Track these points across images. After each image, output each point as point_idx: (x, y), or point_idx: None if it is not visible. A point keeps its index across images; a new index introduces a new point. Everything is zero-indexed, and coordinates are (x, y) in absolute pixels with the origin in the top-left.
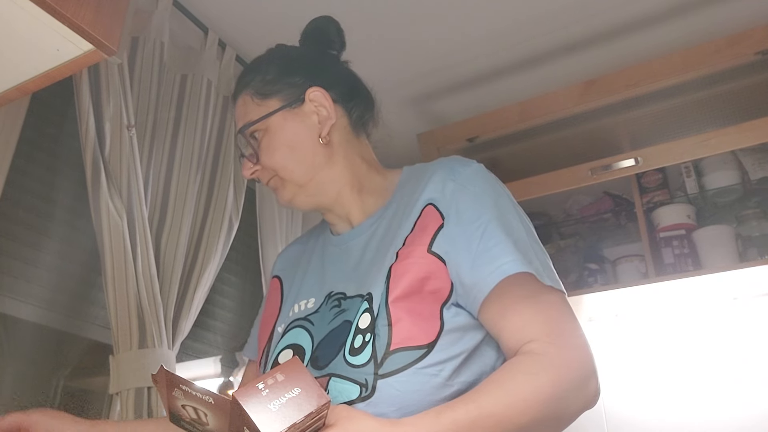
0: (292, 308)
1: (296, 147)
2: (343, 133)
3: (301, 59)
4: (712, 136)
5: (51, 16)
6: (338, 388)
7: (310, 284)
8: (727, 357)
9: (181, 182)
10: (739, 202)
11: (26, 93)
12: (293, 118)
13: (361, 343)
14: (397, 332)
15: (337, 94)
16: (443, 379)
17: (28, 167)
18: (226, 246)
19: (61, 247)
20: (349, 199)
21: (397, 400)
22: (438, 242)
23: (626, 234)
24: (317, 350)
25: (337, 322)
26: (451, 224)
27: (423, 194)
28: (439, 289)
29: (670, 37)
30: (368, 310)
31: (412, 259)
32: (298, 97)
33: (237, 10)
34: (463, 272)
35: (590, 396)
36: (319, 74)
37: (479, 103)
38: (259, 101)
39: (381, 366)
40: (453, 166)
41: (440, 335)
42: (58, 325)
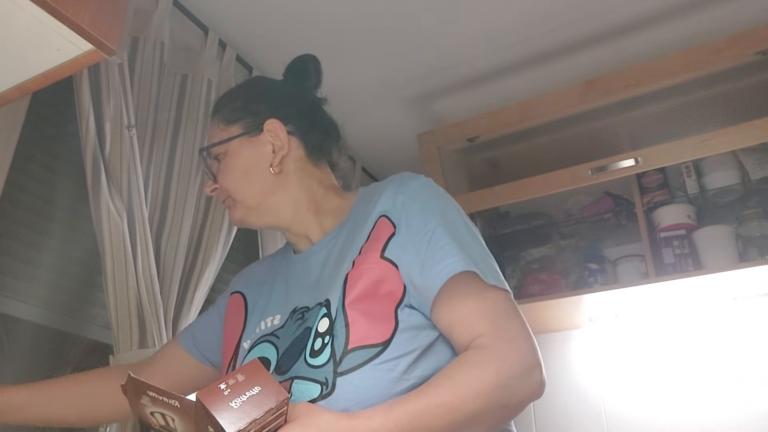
0: (258, 325)
1: (249, 172)
2: (298, 163)
3: (269, 91)
4: (713, 136)
5: (51, 16)
6: (300, 388)
7: (276, 302)
8: (727, 357)
9: (181, 182)
10: (740, 202)
11: (26, 93)
12: (249, 145)
13: (321, 345)
14: (354, 332)
15: (296, 127)
16: (399, 374)
17: (29, 167)
18: (226, 246)
19: (61, 247)
20: (306, 220)
21: (356, 395)
22: (390, 249)
23: (626, 234)
24: (281, 359)
25: (299, 331)
26: (401, 232)
27: (376, 207)
28: (392, 292)
29: (671, 37)
30: (326, 314)
31: (365, 265)
32: (257, 126)
33: (237, 10)
34: (414, 275)
35: (535, 385)
36: (281, 107)
37: (479, 103)
38: (224, 126)
39: (340, 364)
40: (403, 180)
41: (395, 334)
42: (58, 325)
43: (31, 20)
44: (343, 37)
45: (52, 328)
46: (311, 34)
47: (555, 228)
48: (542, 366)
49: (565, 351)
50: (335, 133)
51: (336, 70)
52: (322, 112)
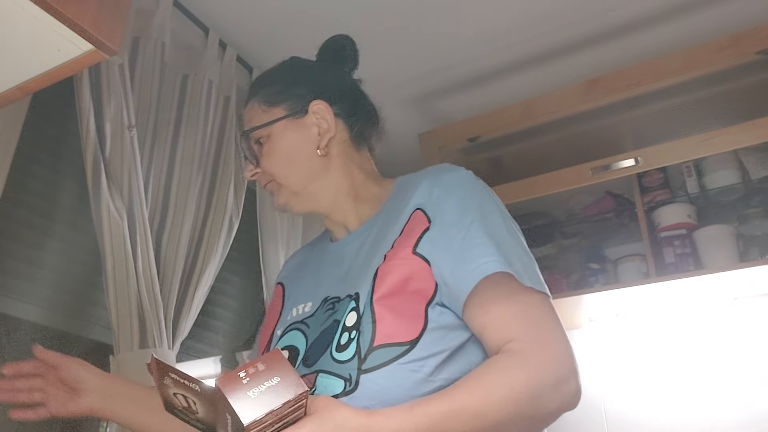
0: (290, 312)
1: (294, 156)
2: (342, 146)
3: (310, 72)
4: (714, 136)
5: (52, 16)
6: (324, 383)
7: (308, 289)
8: (727, 357)
9: (181, 182)
10: (741, 201)
11: (27, 93)
12: (295, 128)
13: (347, 340)
14: (380, 329)
15: (340, 109)
16: (425, 375)
17: (30, 167)
18: (227, 246)
19: (63, 247)
20: (345, 207)
21: (379, 394)
22: (422, 244)
23: (627, 234)
24: (309, 350)
25: (329, 322)
26: (436, 227)
27: (412, 200)
28: (422, 289)
29: (672, 37)
30: (355, 308)
31: (396, 260)
32: (302, 108)
33: (238, 10)
34: (446, 273)
35: (568, 396)
36: (325, 88)
37: (481, 102)
38: (265, 108)
39: (364, 361)
40: (440, 173)
41: (423, 333)
42: (59, 325)
43: (32, 20)
44: None
45: (53, 328)
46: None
47: (557, 227)
48: (578, 375)
49: None
50: (376, 117)
51: None
52: (363, 93)
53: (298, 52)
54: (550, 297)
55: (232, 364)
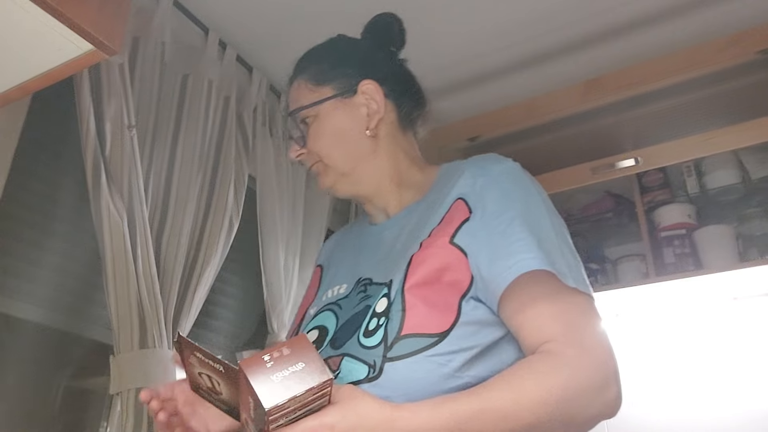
0: (325, 293)
1: (342, 136)
2: (389, 128)
3: (359, 51)
4: (714, 136)
5: (52, 16)
6: (349, 367)
7: (344, 271)
8: (727, 357)
9: (181, 182)
10: (740, 201)
11: (27, 93)
12: (343, 108)
13: (375, 326)
14: (409, 318)
15: (389, 89)
16: (452, 370)
17: (30, 167)
18: (227, 246)
19: (63, 247)
20: (388, 192)
21: (402, 384)
22: (461, 234)
23: (627, 233)
24: (338, 332)
25: (360, 306)
26: (476, 218)
27: (454, 189)
28: (457, 281)
29: (672, 36)
30: (386, 295)
31: (432, 249)
32: (351, 87)
33: (237, 10)
34: (482, 266)
35: (607, 403)
36: (374, 68)
37: (480, 102)
38: (313, 87)
39: (390, 349)
40: (486, 163)
41: (454, 326)
42: (60, 325)
43: (32, 20)
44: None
45: (54, 328)
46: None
47: None
48: (619, 381)
49: None
50: (424, 99)
51: None
52: (410, 74)
53: (298, 52)
54: (594, 299)
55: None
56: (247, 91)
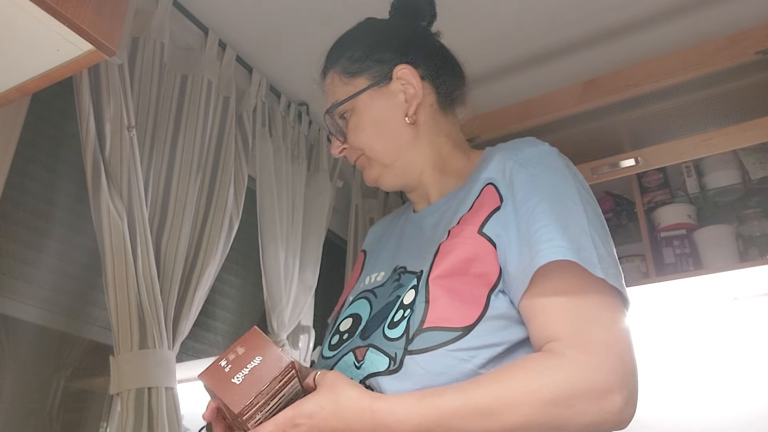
0: (364, 280)
1: (383, 127)
2: (429, 111)
3: (389, 34)
4: (713, 136)
5: (51, 16)
6: (372, 358)
7: (384, 259)
8: (727, 357)
9: (181, 183)
10: (740, 201)
11: (26, 93)
12: (380, 96)
13: (400, 318)
14: (433, 310)
15: (426, 70)
16: (475, 366)
17: (29, 168)
18: (227, 246)
19: (61, 248)
20: (431, 180)
21: (421, 378)
22: (490, 224)
23: (627, 234)
24: (369, 321)
25: (392, 296)
26: (507, 206)
27: (485, 173)
28: (486, 273)
29: (671, 37)
30: (414, 286)
31: (459, 239)
32: (386, 75)
33: (237, 11)
34: (510, 260)
35: (609, 411)
36: (407, 49)
37: (479, 103)
38: (347, 80)
39: (411, 342)
40: (519, 146)
41: (480, 320)
42: (58, 326)
43: (31, 21)
44: None
45: (52, 329)
46: (311, 34)
47: None
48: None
49: None
50: (462, 73)
51: None
52: (445, 49)
53: (298, 52)
54: (624, 294)
55: None
56: (247, 91)
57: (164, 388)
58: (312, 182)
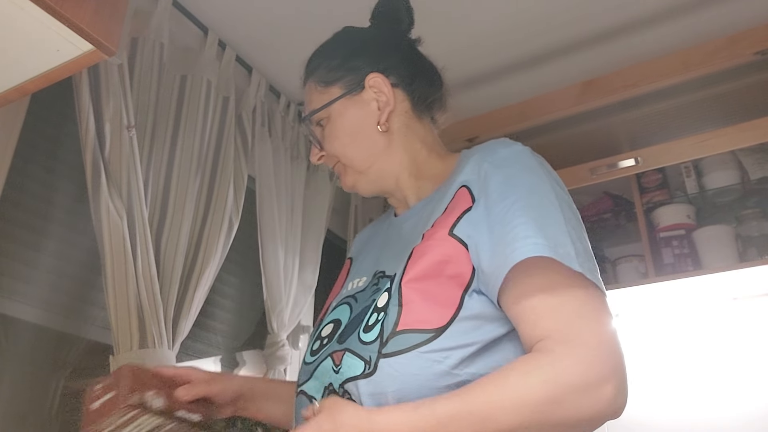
0: (347, 286)
1: (356, 135)
2: (403, 118)
3: (364, 43)
4: (712, 136)
5: (51, 16)
6: (348, 362)
7: (366, 264)
8: (726, 357)
9: (181, 182)
10: (739, 201)
11: (25, 94)
12: (353, 105)
13: (374, 321)
14: (406, 313)
15: (398, 78)
16: (447, 367)
17: (28, 168)
18: (226, 246)
19: (60, 248)
20: (407, 184)
21: (396, 381)
22: (461, 225)
23: (626, 234)
24: (347, 325)
25: (369, 300)
26: (479, 207)
27: (460, 176)
28: (459, 274)
29: (669, 38)
30: (388, 289)
31: (432, 241)
32: (358, 83)
33: (237, 11)
34: (483, 258)
35: (603, 402)
36: (380, 58)
37: (478, 103)
38: (322, 89)
39: (385, 345)
40: (493, 147)
41: (453, 321)
42: (58, 326)
43: (31, 21)
44: None
45: (52, 329)
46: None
47: None
48: (620, 379)
49: None
50: (438, 80)
51: None
52: (421, 56)
53: (298, 52)
54: (602, 288)
55: (232, 364)
56: (246, 91)
57: None
58: (311, 182)
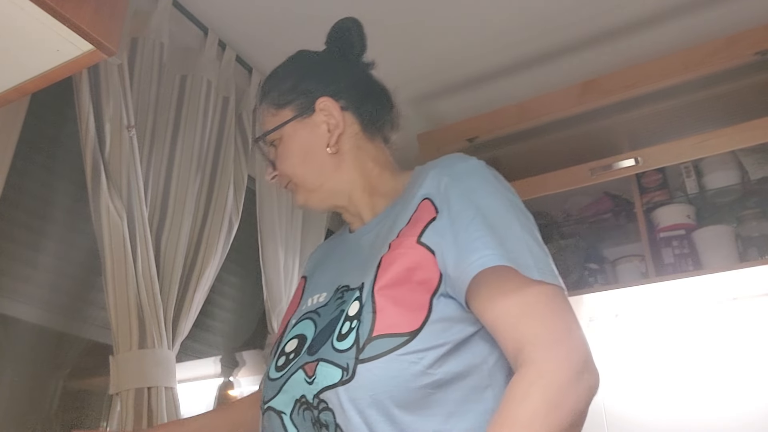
0: (306, 302)
1: (307, 155)
2: (354, 140)
3: (316, 67)
4: (712, 137)
5: (50, 16)
6: (324, 371)
7: (325, 280)
8: (726, 357)
9: (181, 182)
10: (739, 202)
11: (25, 94)
12: (304, 127)
13: (348, 330)
14: (380, 319)
15: (348, 101)
16: (423, 367)
17: (28, 168)
18: (226, 246)
19: (60, 248)
20: (361, 201)
21: (375, 384)
22: (427, 234)
23: (626, 234)
24: (315, 338)
25: (336, 312)
26: (443, 217)
27: (421, 190)
28: (428, 280)
29: (669, 38)
30: (358, 298)
31: (400, 249)
32: (309, 106)
33: (237, 10)
34: (449, 264)
35: (588, 389)
36: (331, 82)
37: (479, 103)
38: (275, 111)
39: (362, 351)
40: (451, 162)
41: (425, 324)
42: (57, 325)
43: (31, 20)
44: None
45: (51, 328)
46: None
47: (555, 228)
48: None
49: None
50: (388, 102)
51: None
52: (372, 80)
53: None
54: (565, 290)
55: (232, 365)
56: (247, 91)
57: (164, 387)
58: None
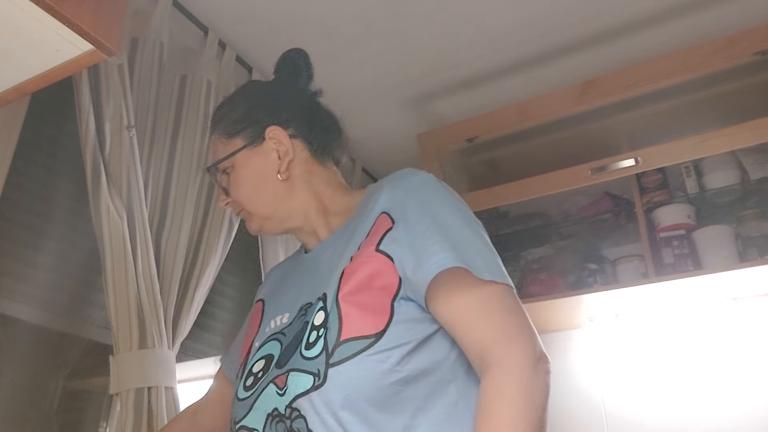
0: (268, 324)
1: (259, 183)
2: (304, 165)
3: (264, 96)
4: (712, 137)
5: (50, 16)
6: (294, 381)
7: (286, 301)
8: (727, 357)
9: (181, 182)
10: (739, 202)
11: (25, 94)
12: (255, 155)
13: (315, 338)
14: (347, 324)
15: (297, 129)
16: (391, 365)
17: (28, 168)
18: (226, 246)
19: (60, 247)
20: (316, 221)
21: (347, 385)
22: (385, 242)
23: (626, 234)
24: (282, 353)
25: (300, 325)
26: (399, 227)
27: (377, 205)
28: (388, 284)
29: (669, 38)
30: (322, 308)
31: (361, 258)
32: (259, 135)
33: (237, 10)
34: (408, 269)
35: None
36: (280, 111)
37: (479, 103)
38: (226, 140)
39: (332, 355)
40: (403, 176)
41: (389, 326)
42: (57, 325)
43: (30, 20)
44: (343, 37)
45: (51, 328)
46: (311, 34)
47: (554, 228)
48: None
49: (565, 351)
50: (336, 128)
51: (336, 71)
52: (319, 107)
53: None
54: (513, 287)
55: None
56: None
57: (164, 387)
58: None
